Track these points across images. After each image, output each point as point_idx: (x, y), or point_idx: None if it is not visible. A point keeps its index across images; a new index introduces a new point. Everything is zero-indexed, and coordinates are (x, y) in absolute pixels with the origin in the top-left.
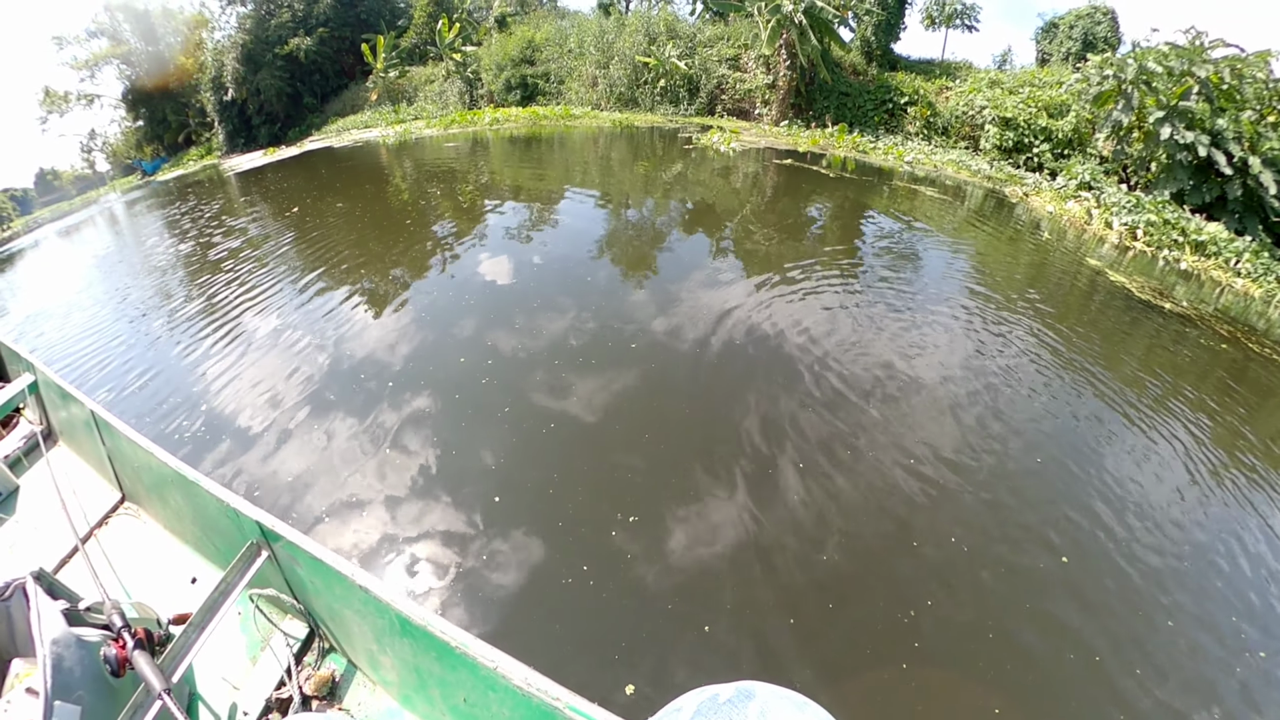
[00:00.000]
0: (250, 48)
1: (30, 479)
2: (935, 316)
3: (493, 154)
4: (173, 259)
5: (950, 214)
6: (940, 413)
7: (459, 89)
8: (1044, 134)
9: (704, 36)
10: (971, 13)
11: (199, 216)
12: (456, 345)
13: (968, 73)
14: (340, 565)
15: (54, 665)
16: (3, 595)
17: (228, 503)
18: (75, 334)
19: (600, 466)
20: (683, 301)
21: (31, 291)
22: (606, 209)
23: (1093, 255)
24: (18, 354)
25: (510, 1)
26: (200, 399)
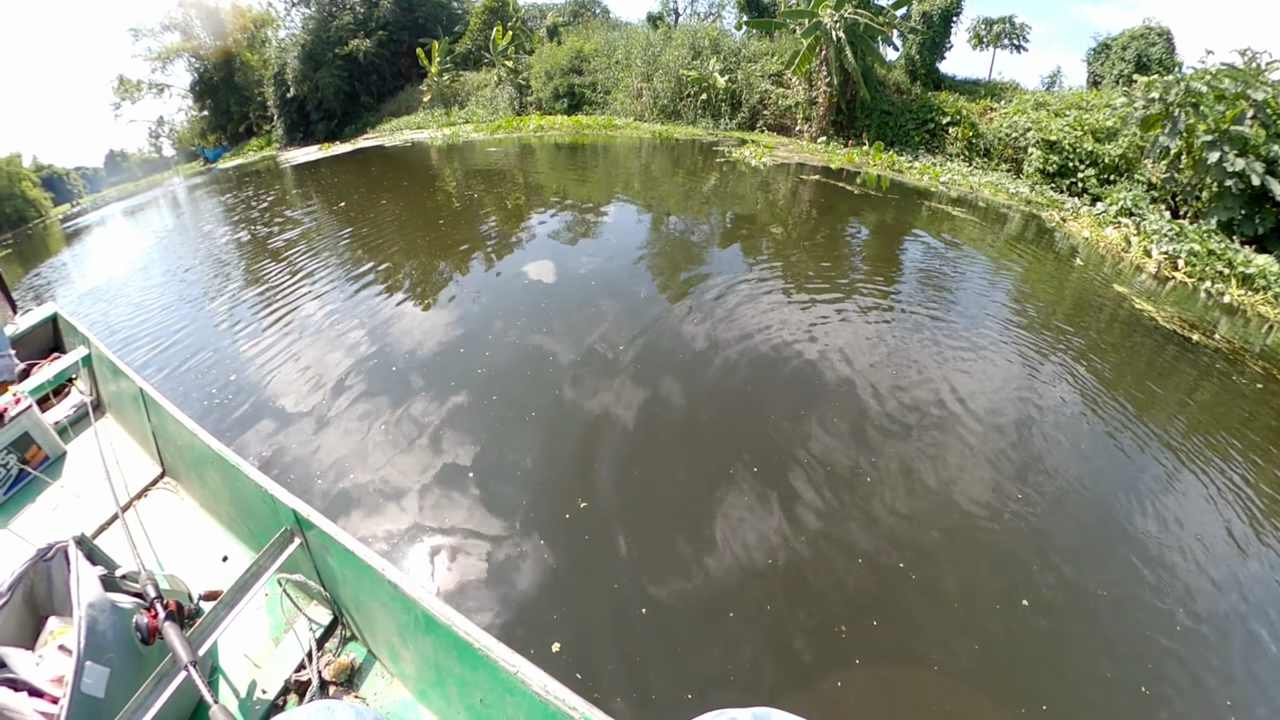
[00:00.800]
0: (312, 47)
1: (77, 446)
2: (967, 344)
3: (533, 159)
4: (228, 243)
5: (983, 237)
6: (974, 447)
7: (509, 95)
8: (1090, 159)
9: (748, 52)
10: (1020, 33)
11: (255, 205)
12: (492, 344)
13: (1013, 94)
14: (371, 559)
15: (88, 627)
16: (46, 556)
17: (266, 489)
18: (132, 308)
19: (627, 474)
20: (707, 313)
21: (96, 265)
22: (633, 217)
23: (1128, 285)
24: (75, 327)
25: (563, 12)
26: (243, 379)
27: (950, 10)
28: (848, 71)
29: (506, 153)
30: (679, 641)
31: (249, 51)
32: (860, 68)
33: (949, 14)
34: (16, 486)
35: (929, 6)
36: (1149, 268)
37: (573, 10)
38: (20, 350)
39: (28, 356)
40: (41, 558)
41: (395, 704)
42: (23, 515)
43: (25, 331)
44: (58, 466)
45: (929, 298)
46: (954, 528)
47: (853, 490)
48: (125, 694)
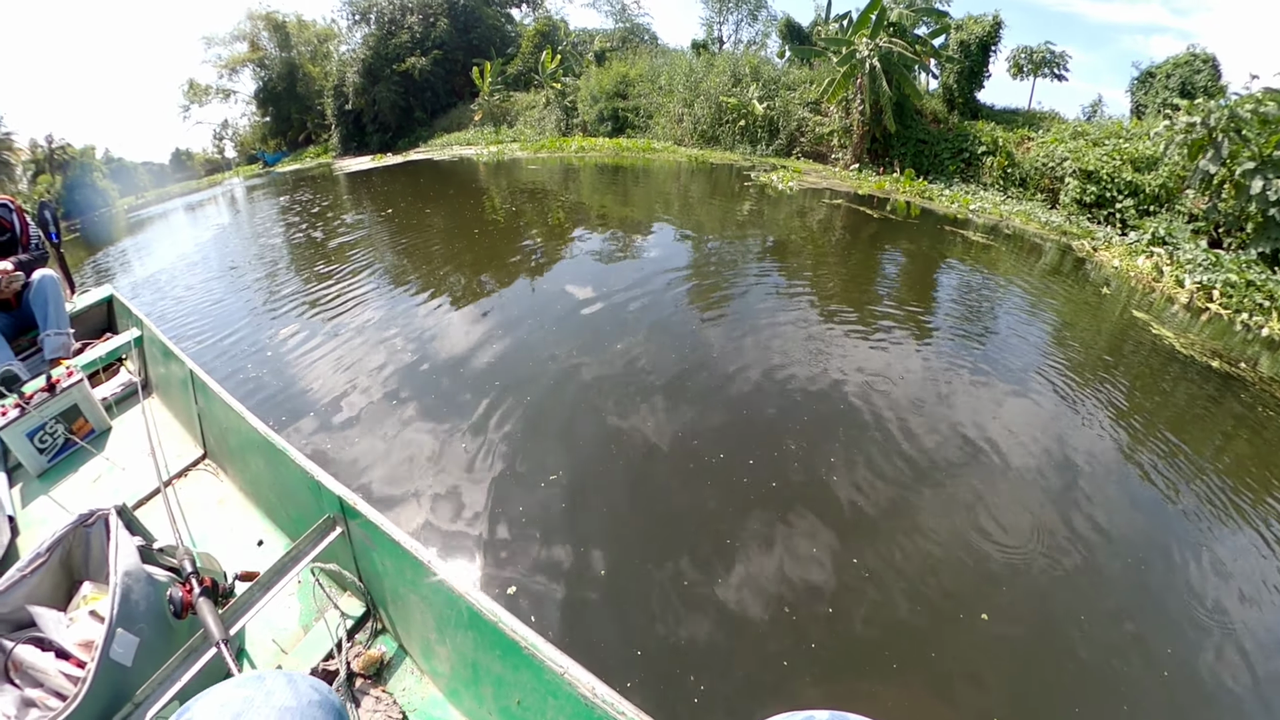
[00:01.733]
0: (371, 63)
1: (122, 423)
2: (998, 378)
3: (571, 178)
4: (280, 243)
5: (1011, 266)
6: (1011, 489)
7: (556, 117)
8: (1129, 189)
9: (787, 79)
10: (1060, 61)
11: (308, 208)
12: (526, 357)
13: (1052, 123)
14: (418, 551)
15: (123, 595)
16: (86, 522)
17: (312, 475)
18: (185, 295)
19: (657, 497)
20: (736, 337)
21: (155, 254)
22: (663, 236)
23: (1158, 317)
24: (129, 309)
25: (611, 38)
26: (282, 373)
27: (988, 39)
28: (880, 100)
29: (548, 171)
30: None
31: (311, 64)
32: (895, 96)
33: (987, 43)
34: (61, 455)
35: (967, 35)
36: (1180, 298)
37: (621, 36)
38: (75, 328)
39: (82, 335)
40: (82, 523)
41: (424, 701)
42: (65, 483)
43: (81, 310)
44: (102, 440)
45: (957, 328)
46: (988, 576)
47: (884, 530)
48: (152, 664)
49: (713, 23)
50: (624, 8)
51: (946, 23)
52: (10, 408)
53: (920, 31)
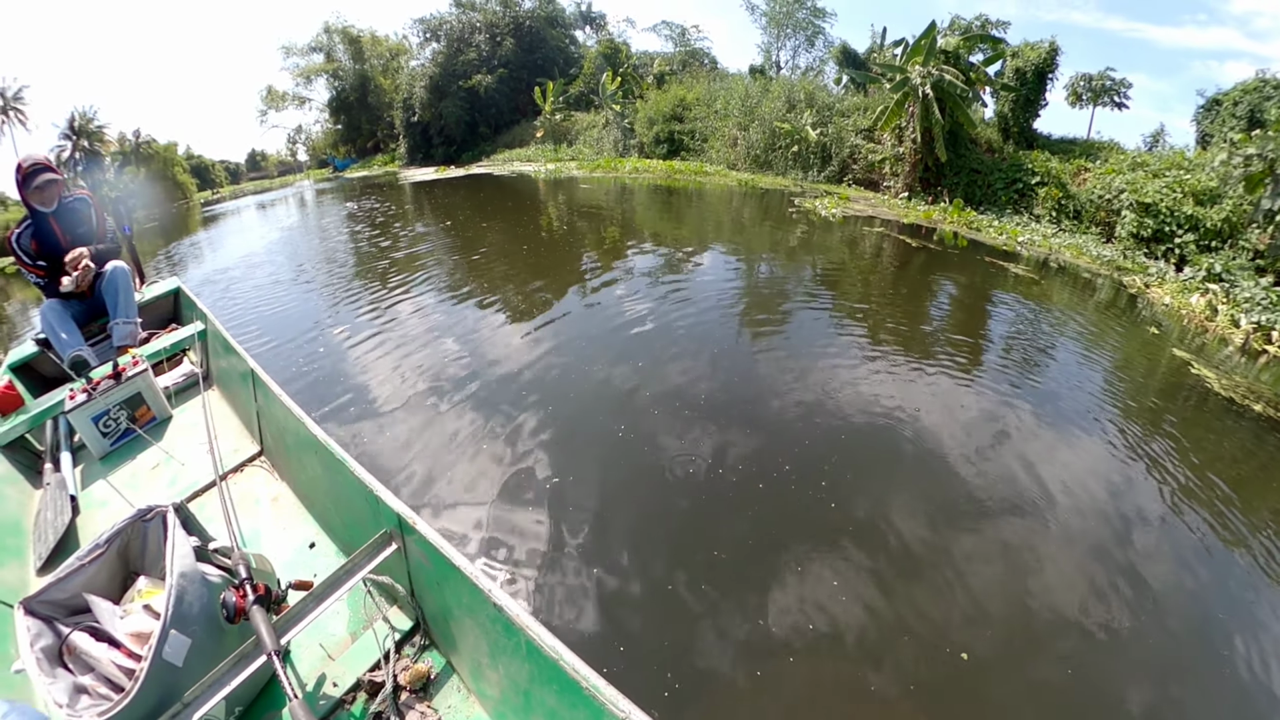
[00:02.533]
0: (439, 79)
1: (181, 414)
2: (1044, 421)
3: (619, 197)
4: (344, 245)
5: (1057, 301)
6: (1059, 541)
7: (614, 137)
8: (1189, 223)
9: (841, 106)
10: (1120, 89)
11: (373, 214)
12: (576, 373)
13: (1110, 153)
14: (478, 578)
15: (178, 596)
16: (145, 516)
17: (372, 489)
18: (250, 292)
19: (702, 524)
20: (778, 365)
21: (226, 248)
22: (699, 258)
23: (1210, 360)
24: (194, 303)
25: (671, 61)
26: (335, 373)
27: (1044, 67)
28: (932, 129)
29: (601, 191)
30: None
31: (383, 77)
32: (949, 125)
33: (1043, 70)
34: (123, 440)
35: (1022, 63)
36: (1235, 339)
37: (682, 60)
38: (142, 318)
39: (148, 325)
40: (140, 518)
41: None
42: (124, 468)
43: (149, 301)
44: (161, 429)
45: (1003, 366)
46: (1032, 634)
47: (926, 574)
48: (201, 666)
49: (770, 48)
50: (684, 32)
51: (1002, 49)
52: (79, 392)
53: (976, 59)
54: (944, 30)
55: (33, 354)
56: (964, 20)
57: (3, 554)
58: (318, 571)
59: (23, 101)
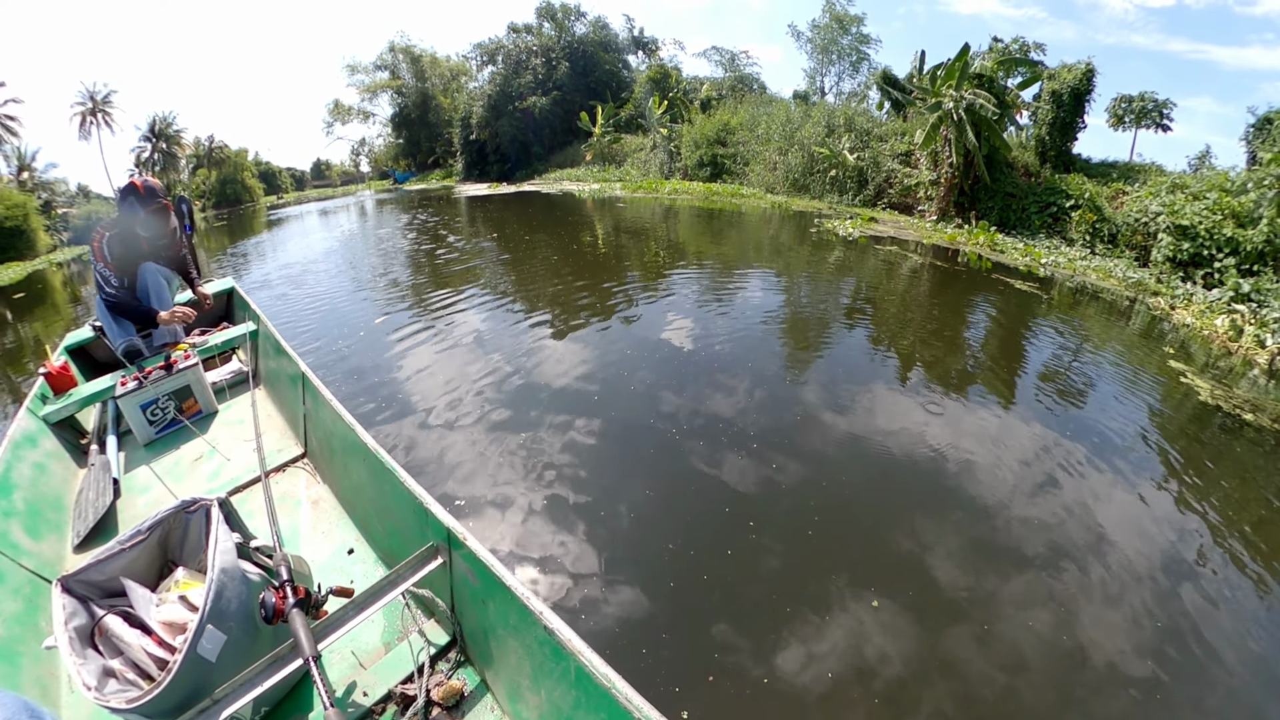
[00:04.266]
0: (496, 99)
1: (228, 409)
2: (1076, 460)
3: (652, 217)
4: (398, 252)
5: (1076, 323)
6: (1101, 592)
7: (660, 160)
8: (1229, 245)
9: (880, 130)
10: (1162, 109)
11: (428, 225)
12: (614, 390)
13: (1150, 175)
14: (530, 600)
15: (217, 591)
16: (188, 508)
17: (421, 501)
18: (305, 293)
19: (733, 551)
20: (809, 392)
21: (287, 250)
22: (706, 271)
23: (1233, 383)
24: (248, 303)
25: (720, 86)
26: (385, 375)
27: (1081, 89)
28: (970, 153)
29: (635, 210)
30: None
31: (443, 95)
32: (985, 149)
33: (1080, 93)
34: (168, 430)
35: (1059, 85)
36: (1260, 360)
37: (731, 85)
38: (196, 314)
39: (202, 321)
40: (184, 509)
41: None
42: (167, 457)
43: None
44: (206, 423)
45: (1027, 394)
46: (1077, 691)
47: (961, 622)
48: (234, 664)
49: (815, 74)
50: (733, 58)
51: (1039, 72)
52: (130, 379)
53: (1014, 82)
54: (982, 54)
55: (89, 338)
56: (1002, 43)
57: (43, 527)
58: (354, 578)
59: (111, 105)
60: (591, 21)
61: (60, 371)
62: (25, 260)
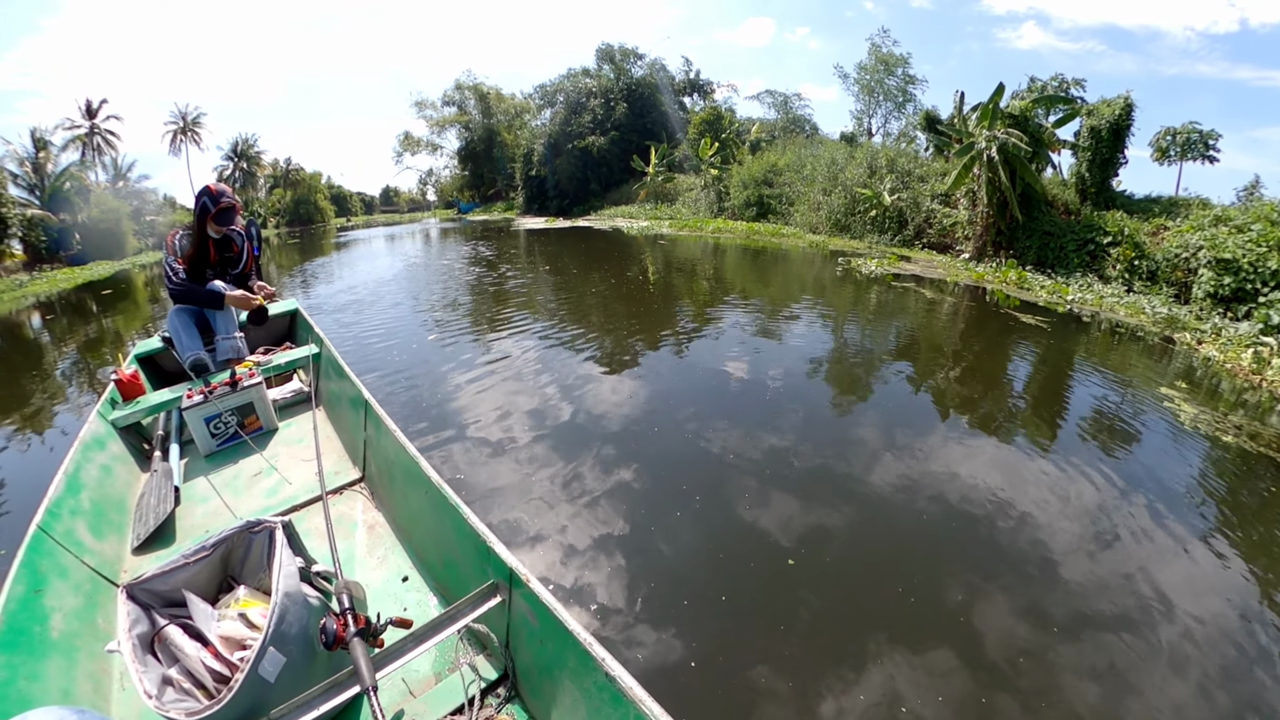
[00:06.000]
0: (556, 138)
1: (287, 427)
2: (1111, 506)
3: (692, 253)
4: (458, 279)
5: (1094, 360)
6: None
7: (710, 199)
8: (1275, 279)
9: (920, 171)
10: (1208, 140)
11: (487, 255)
12: (658, 424)
13: (1194, 209)
14: (592, 646)
15: (280, 614)
16: (253, 529)
17: (484, 539)
18: (369, 315)
19: (777, 596)
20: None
21: (354, 272)
22: (725, 308)
23: (1235, 408)
24: (311, 325)
25: (773, 128)
26: (438, 399)
27: (1120, 124)
28: (1003, 192)
29: (679, 247)
30: None
31: (507, 132)
32: (1020, 187)
33: (1119, 128)
34: (229, 444)
35: (1097, 121)
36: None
37: (783, 126)
38: (259, 332)
39: (263, 340)
40: (249, 529)
41: None
42: (225, 470)
43: (268, 318)
44: (266, 439)
45: (1054, 436)
46: None
47: (1012, 684)
48: (292, 687)
49: (862, 115)
50: (785, 100)
51: (1077, 108)
52: (196, 392)
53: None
54: (1021, 93)
55: (158, 349)
56: (1041, 80)
57: (106, 527)
58: (408, 606)
59: (200, 125)
60: (649, 64)
61: (130, 379)
62: (114, 260)
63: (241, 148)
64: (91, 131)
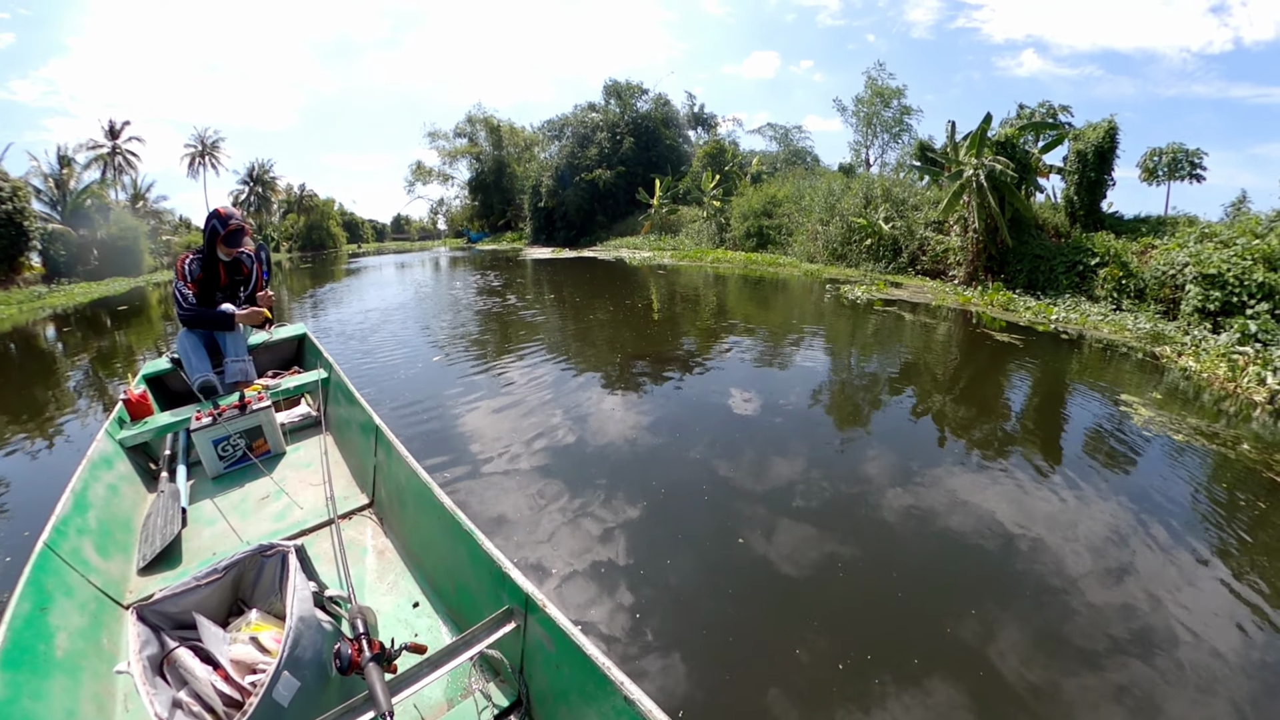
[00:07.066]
0: (563, 171)
1: (295, 450)
2: (1101, 525)
3: (689, 283)
4: (466, 307)
5: (1070, 376)
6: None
7: (711, 231)
8: (1260, 291)
9: (915, 199)
10: (1193, 160)
11: (495, 285)
12: (668, 454)
13: (1181, 227)
14: (610, 670)
15: (294, 639)
16: (265, 552)
17: (499, 564)
18: (375, 341)
19: (788, 628)
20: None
21: (365, 298)
22: (720, 336)
23: (1238, 423)
24: (319, 350)
25: (775, 159)
26: (444, 425)
27: (1105, 146)
28: (992, 217)
29: (678, 276)
30: None
31: (517, 164)
32: (1009, 213)
33: (1104, 151)
34: (237, 466)
35: (1083, 145)
36: (1258, 398)
37: (785, 158)
38: (267, 355)
39: (273, 365)
40: (261, 553)
41: None
42: (233, 493)
43: (276, 341)
44: (274, 463)
45: (1033, 454)
46: None
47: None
48: (303, 711)
49: (859, 147)
50: (786, 133)
51: (1063, 133)
52: (205, 414)
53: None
54: (1010, 120)
55: (166, 369)
56: (1029, 108)
57: (113, 548)
58: (419, 631)
59: (219, 150)
60: (653, 99)
61: (139, 399)
62: (130, 277)
63: (257, 172)
64: (113, 151)
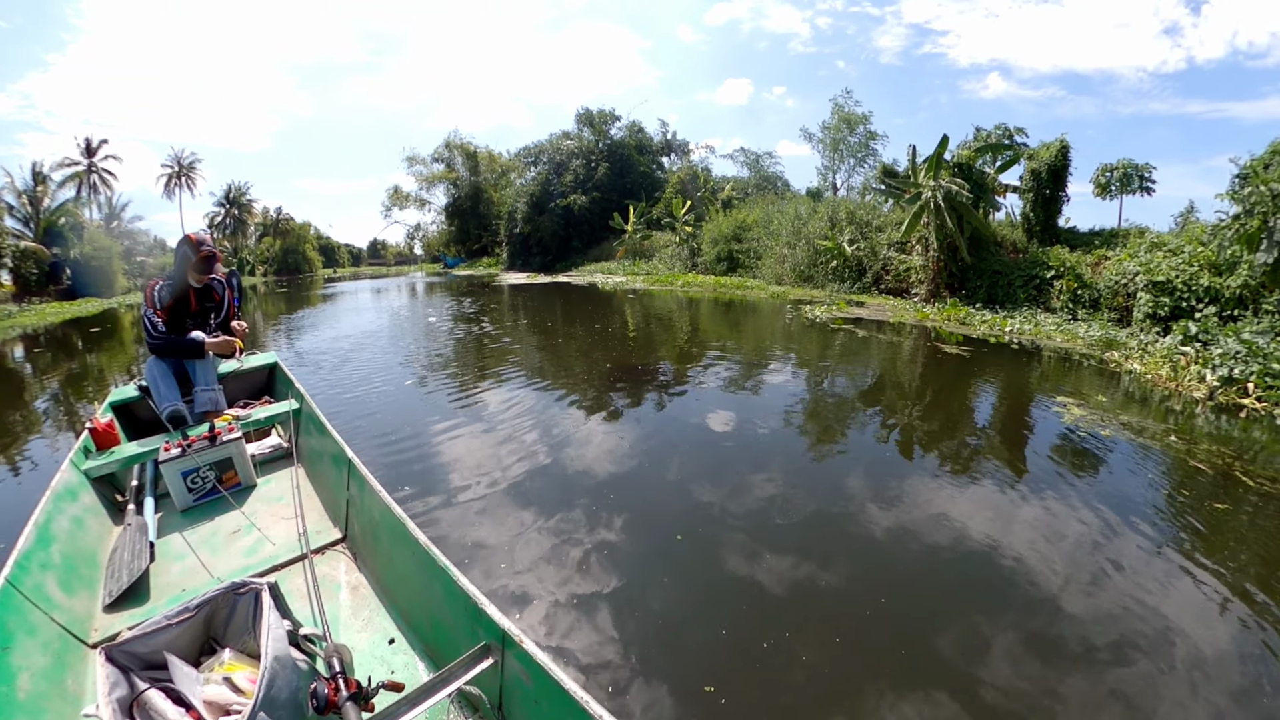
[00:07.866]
0: (539, 197)
1: (266, 483)
2: (1085, 531)
3: (661, 307)
4: (441, 333)
5: (1023, 384)
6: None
7: (684, 256)
8: (1208, 295)
9: (879, 221)
10: (1143, 174)
11: (470, 312)
12: (645, 477)
13: (1133, 238)
14: (589, 705)
15: (270, 679)
16: (238, 590)
17: (475, 600)
18: (352, 367)
19: (773, 649)
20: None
21: (339, 323)
22: (694, 358)
23: (1175, 419)
24: (291, 380)
25: (746, 185)
26: (419, 453)
27: (1058, 165)
28: (951, 236)
29: (647, 300)
30: None
31: (493, 189)
32: (968, 231)
33: (1057, 169)
34: (206, 499)
35: (1037, 164)
36: (1197, 394)
37: (756, 183)
38: (237, 385)
39: (243, 394)
40: (233, 590)
41: None
42: (203, 526)
43: (246, 370)
44: (244, 496)
45: (970, 453)
46: None
47: None
48: None
49: (827, 171)
50: (757, 158)
51: (1018, 153)
52: (174, 445)
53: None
54: (968, 143)
55: (134, 397)
56: (986, 130)
57: (76, 583)
58: (395, 669)
59: (195, 171)
60: (626, 126)
61: (105, 428)
62: (103, 298)
63: (234, 194)
64: (89, 170)
